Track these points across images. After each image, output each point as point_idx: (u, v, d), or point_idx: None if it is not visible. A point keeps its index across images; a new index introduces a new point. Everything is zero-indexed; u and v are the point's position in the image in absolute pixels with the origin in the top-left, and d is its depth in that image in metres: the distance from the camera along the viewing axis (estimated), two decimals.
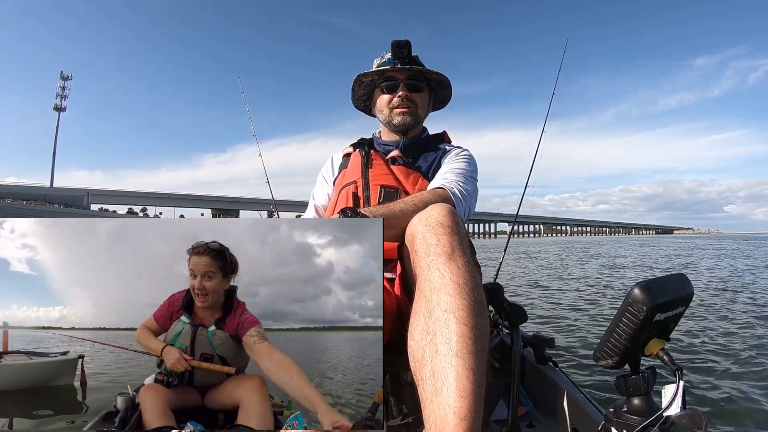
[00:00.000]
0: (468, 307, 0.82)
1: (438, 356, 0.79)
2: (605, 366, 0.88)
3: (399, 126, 1.45)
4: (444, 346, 0.78)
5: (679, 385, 0.81)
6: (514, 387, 1.18)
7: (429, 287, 0.87)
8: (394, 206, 1.14)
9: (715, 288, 6.67)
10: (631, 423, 0.84)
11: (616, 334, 0.85)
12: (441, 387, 0.75)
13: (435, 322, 0.82)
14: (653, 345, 0.87)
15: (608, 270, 10.55)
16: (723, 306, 5.08)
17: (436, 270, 0.87)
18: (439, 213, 0.95)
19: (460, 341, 0.78)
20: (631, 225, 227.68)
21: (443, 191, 1.27)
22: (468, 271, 0.87)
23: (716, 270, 9.83)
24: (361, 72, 1.46)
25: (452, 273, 0.86)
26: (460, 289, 0.84)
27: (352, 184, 1.39)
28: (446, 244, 0.90)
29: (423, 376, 0.80)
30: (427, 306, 0.85)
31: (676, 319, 0.88)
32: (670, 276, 0.89)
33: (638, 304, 0.81)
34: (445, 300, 0.83)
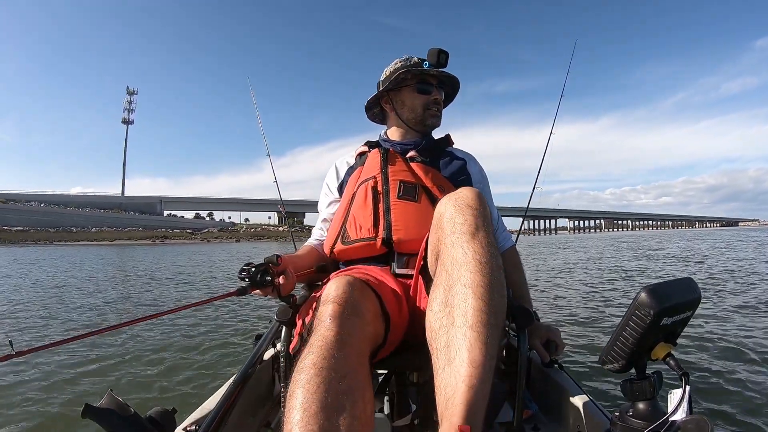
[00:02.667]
0: (487, 284, 0.85)
1: (454, 327, 0.82)
2: (611, 370, 0.88)
3: (430, 127, 1.56)
4: (460, 319, 0.82)
5: (685, 390, 0.81)
6: (520, 389, 1.19)
7: (451, 263, 0.91)
8: (524, 287, 1.53)
9: (723, 287, 6.62)
10: (636, 427, 0.84)
11: (622, 338, 0.85)
12: (454, 357, 0.79)
13: (454, 295, 0.86)
14: (660, 349, 0.86)
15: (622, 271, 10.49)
16: (735, 306, 5.03)
17: (460, 247, 0.92)
18: (468, 195, 1.02)
19: (475, 315, 0.81)
20: (695, 218, 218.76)
21: (515, 251, 1.60)
22: (490, 251, 0.92)
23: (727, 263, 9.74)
24: (400, 68, 1.52)
25: (474, 251, 0.90)
26: (481, 266, 0.88)
27: (371, 179, 1.41)
28: (471, 224, 0.95)
29: (438, 346, 0.84)
30: (448, 280, 0.90)
31: (683, 323, 0.88)
32: (677, 280, 0.88)
33: (645, 308, 0.81)
34: (466, 276, 0.87)
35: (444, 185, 1.39)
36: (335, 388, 0.78)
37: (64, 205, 75.54)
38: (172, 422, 1.03)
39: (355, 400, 0.79)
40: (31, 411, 2.51)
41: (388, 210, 1.34)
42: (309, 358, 0.82)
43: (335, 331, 0.88)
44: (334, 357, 0.83)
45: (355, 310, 0.94)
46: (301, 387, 0.78)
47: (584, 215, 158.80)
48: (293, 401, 0.77)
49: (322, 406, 0.75)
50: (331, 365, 0.81)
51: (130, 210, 78.63)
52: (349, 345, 0.87)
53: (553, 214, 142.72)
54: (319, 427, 0.73)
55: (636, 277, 9.05)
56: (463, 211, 0.98)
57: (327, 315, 0.91)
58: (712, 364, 3.08)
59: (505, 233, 1.60)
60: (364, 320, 0.96)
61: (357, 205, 1.39)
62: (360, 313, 0.95)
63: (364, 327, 0.95)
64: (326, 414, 0.74)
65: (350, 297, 0.96)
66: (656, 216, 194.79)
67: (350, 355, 0.86)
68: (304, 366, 0.81)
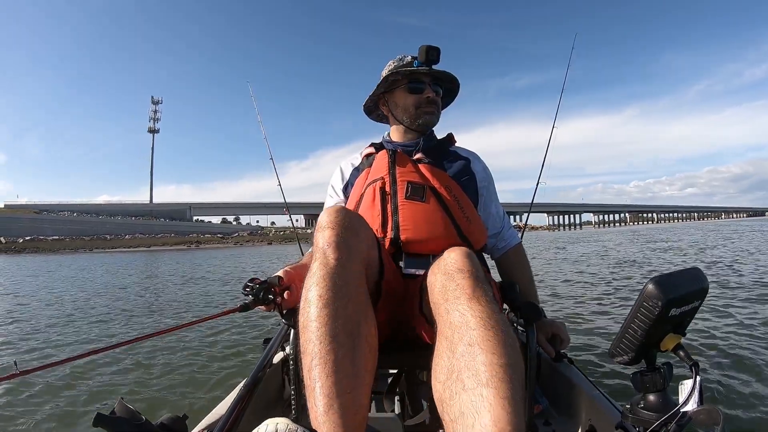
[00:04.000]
0: (494, 337, 0.77)
1: (465, 392, 0.72)
2: (621, 362, 0.88)
3: (423, 125, 1.52)
4: (471, 380, 0.72)
5: (695, 381, 0.81)
6: (530, 385, 1.19)
7: (449, 328, 0.84)
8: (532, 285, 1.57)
9: (732, 277, 6.58)
10: (647, 419, 0.84)
11: (631, 330, 0.84)
12: (472, 423, 0.68)
13: (459, 358, 0.77)
14: (669, 340, 0.86)
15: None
16: (743, 297, 5.00)
17: (456, 311, 0.84)
18: (457, 258, 0.95)
19: (488, 370, 0.72)
20: (721, 209, 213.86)
21: (521, 248, 1.63)
22: (491, 307, 0.84)
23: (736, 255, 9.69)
24: (393, 69, 1.52)
25: (473, 310, 0.83)
26: (484, 322, 0.80)
27: (379, 180, 1.41)
28: (466, 287, 0.88)
29: (451, 417, 0.73)
30: (449, 345, 0.81)
31: (692, 313, 0.87)
32: (684, 270, 0.88)
33: (653, 300, 0.80)
34: (468, 334, 0.79)
35: (451, 186, 1.40)
36: (342, 315, 0.87)
37: (96, 213, 76.57)
38: (183, 428, 1.03)
39: (360, 323, 0.89)
40: (42, 420, 2.52)
41: (396, 210, 1.34)
42: (314, 289, 0.90)
43: (334, 257, 0.94)
44: (337, 285, 0.90)
45: (350, 233, 0.99)
46: (314, 320, 0.86)
47: (609, 209, 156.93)
48: (308, 334, 0.85)
49: (333, 334, 0.84)
50: (335, 294, 0.89)
51: (160, 217, 79.45)
52: (349, 269, 0.94)
53: (577, 209, 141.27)
54: (335, 354, 0.82)
55: (645, 266, 9.02)
56: (454, 277, 0.91)
57: (324, 241, 0.97)
58: (722, 354, 3.06)
59: (510, 231, 1.60)
60: (360, 243, 1.01)
61: (365, 206, 1.39)
62: (356, 235, 1.00)
63: (361, 250, 1.00)
64: (339, 340, 0.84)
65: (344, 221, 1.01)
66: (681, 208, 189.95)
67: (351, 279, 0.93)
68: (311, 298, 0.89)
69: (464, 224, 1.35)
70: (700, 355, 3.07)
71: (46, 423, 2.49)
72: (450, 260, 0.96)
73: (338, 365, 0.81)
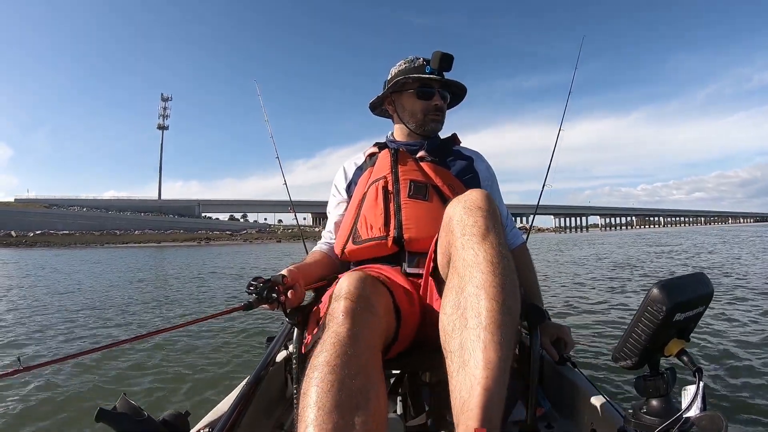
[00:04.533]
0: (499, 284, 0.84)
1: (467, 329, 0.81)
2: (624, 367, 0.87)
3: (430, 132, 1.54)
4: (473, 320, 0.81)
5: (698, 386, 0.80)
6: (533, 388, 1.18)
7: (462, 265, 0.90)
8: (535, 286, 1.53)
9: (733, 282, 6.54)
10: (650, 424, 0.83)
11: (635, 334, 0.84)
12: (468, 359, 0.77)
13: (466, 297, 0.85)
14: (673, 345, 0.86)
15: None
16: (746, 303, 4.97)
17: (470, 249, 0.91)
18: (477, 197, 1.01)
19: (489, 315, 0.80)
20: (728, 213, 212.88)
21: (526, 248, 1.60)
22: (500, 251, 0.90)
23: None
24: (403, 71, 1.52)
25: (486, 252, 0.89)
26: (493, 267, 0.87)
27: (382, 179, 1.42)
28: (482, 225, 0.94)
29: (451, 348, 0.82)
30: (460, 282, 0.88)
31: (696, 319, 0.87)
32: (689, 275, 0.88)
33: (657, 304, 0.80)
34: (477, 276, 0.86)
35: (454, 184, 1.40)
36: (349, 385, 0.78)
37: (106, 209, 77.53)
38: (185, 425, 1.04)
39: (369, 397, 0.79)
40: (44, 415, 2.54)
41: (398, 209, 1.34)
42: (322, 355, 0.82)
43: (348, 326, 0.88)
44: (347, 354, 0.82)
45: (367, 306, 0.94)
46: (315, 385, 0.77)
47: (615, 212, 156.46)
48: (307, 399, 0.77)
49: (336, 404, 0.75)
50: (344, 362, 0.81)
51: (169, 213, 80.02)
52: (362, 341, 0.87)
53: (583, 212, 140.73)
54: (334, 425, 0.73)
55: (641, 269, 8.98)
56: (473, 213, 0.97)
57: (339, 311, 0.91)
58: (726, 360, 3.05)
59: (514, 230, 1.59)
60: (377, 315, 0.95)
61: (368, 205, 1.39)
62: (372, 309, 0.95)
63: (376, 322, 0.94)
64: (340, 412, 0.74)
65: (362, 292, 0.96)
66: (688, 212, 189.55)
67: (363, 351, 0.86)
68: (317, 364, 0.81)
69: None
70: (704, 361, 3.06)
71: (49, 417, 2.51)
72: (471, 197, 1.02)
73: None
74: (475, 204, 0.99)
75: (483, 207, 0.98)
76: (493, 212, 0.99)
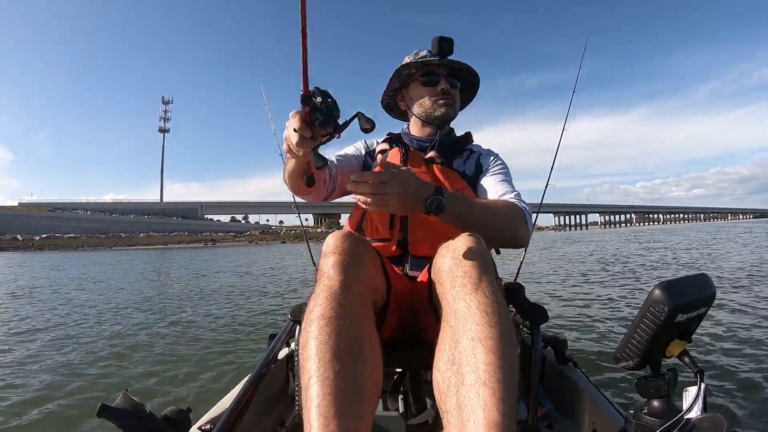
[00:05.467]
0: (496, 335, 0.79)
1: (464, 387, 0.75)
2: (626, 367, 0.88)
3: (440, 118, 1.46)
4: (470, 376, 0.75)
5: (700, 388, 0.80)
6: (534, 387, 1.18)
7: (454, 317, 0.85)
8: (475, 202, 1.22)
9: (736, 282, 6.52)
10: (651, 425, 0.83)
11: (637, 335, 0.84)
12: (467, 420, 0.71)
13: (461, 351, 0.79)
14: (674, 346, 0.86)
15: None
16: (747, 303, 4.95)
17: (462, 300, 0.86)
18: (466, 244, 0.96)
19: (488, 370, 0.74)
20: (727, 210, 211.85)
21: (517, 207, 1.26)
22: (495, 300, 0.85)
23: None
24: (402, 64, 1.48)
25: (479, 302, 0.84)
26: (488, 317, 0.81)
27: None
28: (472, 275, 0.89)
29: (448, 408, 0.77)
30: (453, 335, 0.83)
31: (698, 320, 0.87)
32: (691, 276, 0.87)
33: (659, 305, 0.80)
34: (472, 328, 0.80)
35: (462, 189, 1.37)
36: (345, 335, 0.83)
37: (109, 212, 77.80)
38: (187, 421, 1.04)
39: (364, 344, 0.85)
40: (46, 411, 2.55)
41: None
42: (317, 309, 0.86)
43: (338, 279, 0.91)
44: (341, 305, 0.87)
45: (354, 259, 0.97)
46: (314, 338, 0.82)
47: (615, 210, 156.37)
48: (307, 352, 0.82)
49: (335, 354, 0.80)
50: (338, 314, 0.85)
51: (172, 215, 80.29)
52: (353, 292, 0.91)
53: (583, 210, 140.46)
54: (335, 372, 0.78)
55: (647, 269, 8.96)
56: (463, 263, 0.92)
57: (329, 266, 0.95)
58: (727, 362, 3.03)
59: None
60: (365, 266, 0.98)
61: None
62: (360, 261, 0.98)
63: (365, 272, 0.98)
64: (340, 361, 0.79)
65: (349, 246, 0.99)
66: (688, 209, 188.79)
67: (355, 302, 0.90)
68: (313, 317, 0.86)
69: None
70: (705, 361, 3.05)
71: (51, 413, 2.52)
72: (460, 244, 0.96)
73: (337, 385, 0.77)
74: (464, 252, 0.94)
75: (473, 256, 0.93)
76: (484, 259, 0.94)
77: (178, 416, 1.02)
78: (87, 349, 3.87)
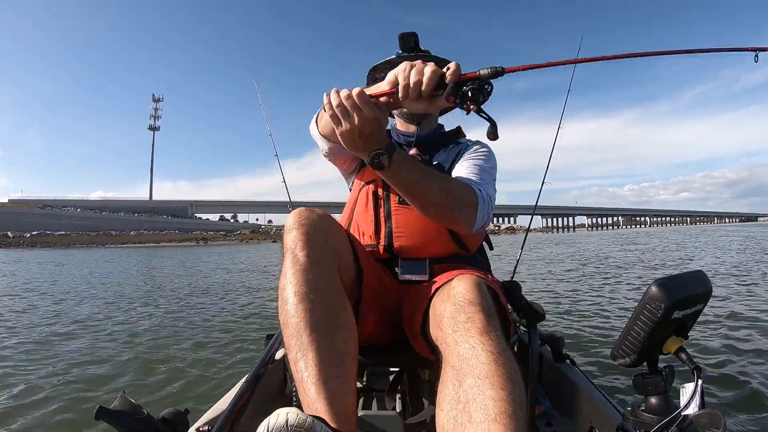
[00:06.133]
0: (504, 373, 0.75)
1: (472, 425, 0.70)
2: (623, 364, 0.88)
3: (410, 115, 1.45)
4: (479, 413, 0.71)
5: (697, 384, 0.81)
6: (532, 386, 1.18)
7: (458, 359, 0.81)
8: (426, 171, 1.09)
9: (730, 281, 6.55)
10: (648, 422, 0.84)
11: (633, 332, 0.84)
12: None
13: (467, 390, 0.75)
14: (671, 343, 0.86)
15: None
16: (742, 301, 4.98)
17: (466, 343, 0.82)
18: (467, 289, 0.92)
19: (497, 406, 0.70)
20: (713, 213, 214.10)
21: (472, 192, 1.17)
22: (501, 343, 0.82)
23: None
24: (372, 66, 1.47)
25: (484, 344, 0.80)
26: (495, 357, 0.78)
27: (372, 182, 1.38)
28: (477, 320, 0.85)
29: None
30: (457, 375, 0.79)
31: (695, 316, 0.87)
32: (688, 273, 0.88)
33: (656, 302, 0.80)
34: (478, 368, 0.76)
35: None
36: (319, 308, 0.91)
37: (100, 210, 77.41)
38: (185, 423, 1.04)
39: (338, 315, 0.93)
40: (44, 412, 2.54)
41: (389, 216, 1.31)
42: (288, 287, 0.93)
43: (304, 253, 0.96)
44: (309, 279, 0.93)
45: (315, 231, 1.01)
46: (292, 315, 0.90)
47: (602, 212, 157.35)
48: (289, 329, 0.89)
49: (313, 327, 0.88)
50: (309, 288, 0.92)
51: (162, 214, 79.95)
52: (319, 265, 0.96)
53: (570, 212, 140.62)
54: (317, 344, 0.86)
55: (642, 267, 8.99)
56: (465, 309, 0.88)
57: (292, 240, 0.99)
58: (725, 358, 3.05)
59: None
60: (327, 236, 1.02)
61: (359, 210, 1.37)
62: (324, 234, 1.02)
63: (327, 242, 1.02)
64: (319, 332, 0.88)
65: (309, 221, 1.02)
66: (674, 212, 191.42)
67: (322, 273, 0.96)
68: (287, 296, 0.92)
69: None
70: (702, 357, 3.06)
71: (48, 415, 2.51)
72: (460, 290, 0.92)
73: (322, 354, 0.86)
74: (466, 299, 0.90)
75: (475, 301, 0.89)
76: (488, 304, 0.90)
77: (176, 417, 1.02)
78: (84, 350, 3.85)
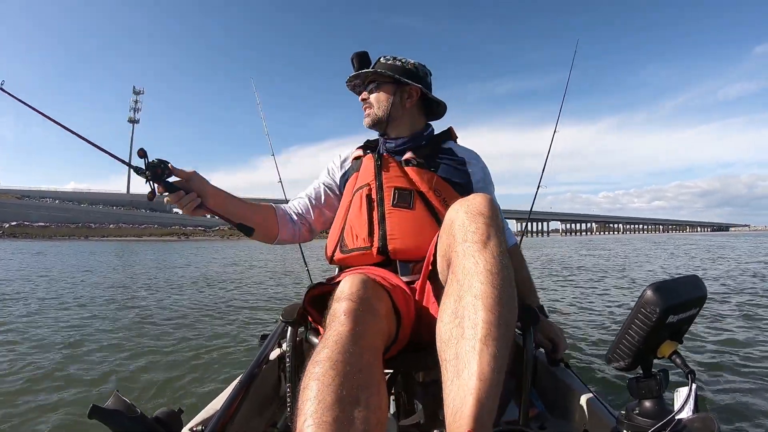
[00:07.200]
0: (497, 296, 0.84)
1: (463, 339, 0.81)
2: (617, 368, 0.88)
3: (371, 126, 1.53)
4: (470, 331, 0.81)
5: (691, 388, 0.81)
6: (526, 388, 1.19)
7: (462, 272, 0.90)
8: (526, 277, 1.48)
9: (726, 288, 6.58)
10: (642, 426, 0.84)
11: (628, 336, 0.85)
12: (462, 369, 0.77)
13: (464, 306, 0.85)
14: (666, 347, 0.86)
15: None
16: (737, 307, 5.00)
17: (471, 256, 0.91)
18: (481, 202, 1.00)
19: (485, 327, 0.80)
20: (686, 222, 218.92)
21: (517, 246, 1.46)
22: (501, 261, 0.90)
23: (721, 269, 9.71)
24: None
25: (486, 261, 0.89)
26: (492, 277, 0.86)
27: (366, 186, 1.40)
28: (483, 232, 0.94)
29: (447, 357, 0.82)
30: (459, 290, 0.88)
31: (689, 321, 0.87)
32: (683, 277, 0.88)
33: (651, 306, 0.80)
34: (476, 286, 0.85)
35: (441, 188, 1.37)
36: (350, 381, 0.78)
37: (78, 201, 76.78)
38: (178, 422, 1.03)
39: (370, 393, 0.80)
40: (36, 412, 2.52)
41: (383, 219, 1.33)
42: (324, 352, 0.83)
43: (349, 326, 0.89)
44: (349, 351, 0.83)
45: (368, 307, 0.96)
46: (316, 379, 0.78)
47: (576, 218, 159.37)
48: (307, 393, 0.77)
49: (337, 398, 0.75)
50: (345, 359, 0.81)
51: (141, 207, 79.36)
52: (363, 340, 0.88)
53: (545, 217, 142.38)
54: (334, 418, 0.72)
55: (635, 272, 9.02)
56: (475, 219, 0.96)
57: (341, 311, 0.93)
58: (719, 362, 3.06)
59: (507, 230, 1.58)
60: (378, 317, 0.97)
61: (353, 214, 1.38)
62: (373, 310, 0.96)
63: (377, 324, 0.96)
64: (341, 406, 0.74)
65: (363, 294, 0.98)
66: (647, 220, 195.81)
67: (364, 350, 0.86)
68: (319, 359, 0.82)
69: None
70: (696, 361, 3.07)
71: (41, 415, 2.49)
72: (475, 202, 1.01)
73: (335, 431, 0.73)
74: (478, 210, 0.98)
75: (485, 213, 0.97)
76: (496, 219, 0.98)
77: (170, 417, 1.02)
78: (77, 348, 3.83)
